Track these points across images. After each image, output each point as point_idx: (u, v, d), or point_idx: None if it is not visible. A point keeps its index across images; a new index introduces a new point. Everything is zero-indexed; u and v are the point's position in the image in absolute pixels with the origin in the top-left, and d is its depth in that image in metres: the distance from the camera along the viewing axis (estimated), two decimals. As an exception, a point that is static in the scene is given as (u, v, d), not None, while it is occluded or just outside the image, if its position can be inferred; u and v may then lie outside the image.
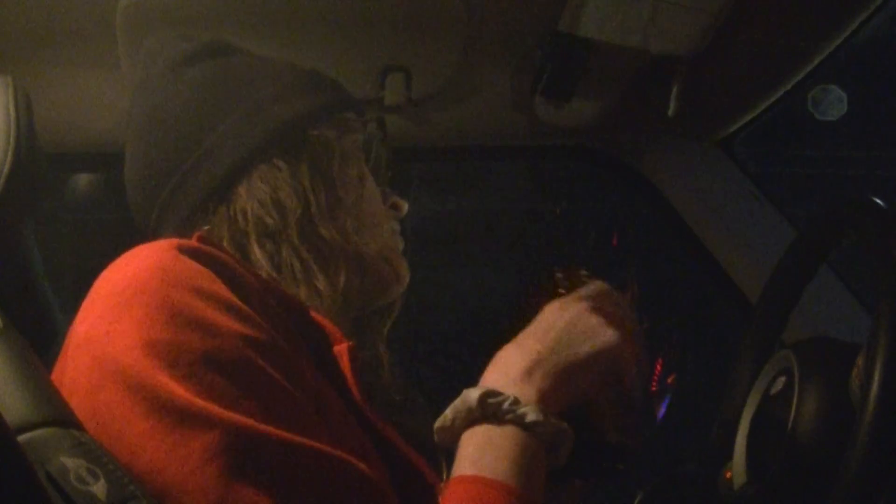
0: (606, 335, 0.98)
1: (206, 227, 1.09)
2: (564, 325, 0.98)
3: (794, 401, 1.05)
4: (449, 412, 0.93)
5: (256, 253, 1.07)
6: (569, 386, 0.96)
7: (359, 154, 1.19)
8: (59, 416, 0.79)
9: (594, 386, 0.99)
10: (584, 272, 1.11)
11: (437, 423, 0.94)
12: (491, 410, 0.91)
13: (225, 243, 1.08)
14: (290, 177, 1.11)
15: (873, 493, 0.90)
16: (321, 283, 1.07)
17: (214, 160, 1.11)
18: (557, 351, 0.96)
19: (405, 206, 1.23)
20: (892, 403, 0.89)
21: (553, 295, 1.06)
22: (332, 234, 1.10)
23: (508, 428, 0.90)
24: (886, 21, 1.60)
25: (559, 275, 1.11)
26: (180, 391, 0.80)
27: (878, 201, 1.03)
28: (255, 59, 1.21)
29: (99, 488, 0.74)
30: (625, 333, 1.00)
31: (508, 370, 0.95)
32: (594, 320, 0.99)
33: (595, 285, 1.06)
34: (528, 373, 0.94)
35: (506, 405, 0.91)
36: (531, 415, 0.90)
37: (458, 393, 0.94)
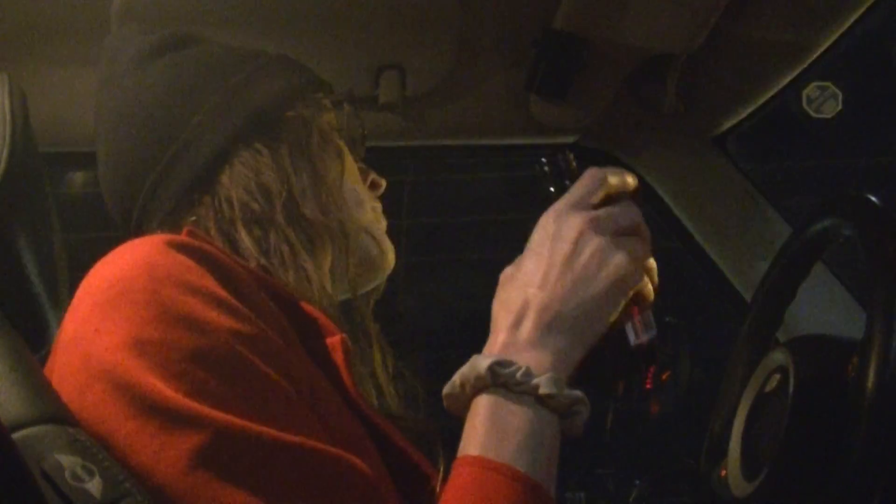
0: (616, 259, 0.91)
1: (192, 219, 1.08)
2: (566, 255, 0.91)
3: (789, 398, 1.05)
4: (457, 378, 0.88)
5: (245, 240, 1.05)
6: (587, 335, 0.90)
7: (334, 132, 1.17)
8: (55, 413, 0.78)
9: (612, 320, 0.91)
10: (571, 155, 1.00)
11: (446, 390, 0.90)
12: (502, 380, 0.86)
13: (213, 234, 1.06)
14: (272, 160, 1.09)
15: (870, 491, 0.90)
16: (309, 266, 1.05)
17: (194, 150, 1.09)
18: (567, 298, 0.89)
19: (384, 184, 1.21)
20: (887, 401, 0.89)
21: (545, 198, 0.96)
22: (315, 214, 1.08)
23: (520, 402, 0.85)
24: (881, 18, 1.60)
25: (546, 168, 1.00)
26: (169, 391, 0.79)
27: (872, 197, 1.03)
28: (220, 47, 1.19)
29: (94, 485, 0.73)
30: (638, 245, 0.93)
31: (518, 331, 0.89)
32: (598, 241, 0.91)
33: (586, 177, 0.95)
34: (542, 334, 0.88)
35: (518, 375, 0.85)
36: (545, 386, 0.85)
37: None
